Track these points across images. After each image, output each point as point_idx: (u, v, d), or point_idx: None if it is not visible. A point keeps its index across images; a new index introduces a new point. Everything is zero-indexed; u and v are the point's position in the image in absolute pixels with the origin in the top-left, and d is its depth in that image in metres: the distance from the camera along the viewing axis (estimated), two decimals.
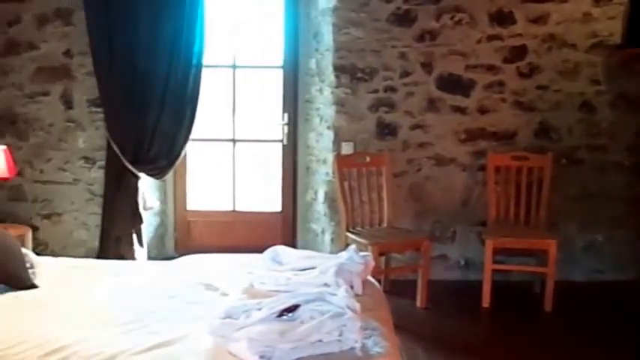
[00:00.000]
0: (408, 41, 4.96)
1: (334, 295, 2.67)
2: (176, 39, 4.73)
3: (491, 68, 5.00)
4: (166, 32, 4.72)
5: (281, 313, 2.54)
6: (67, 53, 4.96)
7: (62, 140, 5.05)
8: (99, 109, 4.94)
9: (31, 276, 3.49)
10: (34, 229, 4.85)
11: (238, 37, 5.35)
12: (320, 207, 5.23)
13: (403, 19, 4.94)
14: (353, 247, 3.27)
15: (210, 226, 5.54)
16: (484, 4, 4.93)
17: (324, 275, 2.99)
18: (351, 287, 2.96)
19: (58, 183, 5.10)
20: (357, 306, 2.59)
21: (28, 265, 3.57)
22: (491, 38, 4.98)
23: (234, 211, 5.59)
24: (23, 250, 3.72)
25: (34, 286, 3.38)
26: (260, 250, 3.88)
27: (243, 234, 5.47)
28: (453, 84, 5.02)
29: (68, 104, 5.02)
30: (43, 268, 3.67)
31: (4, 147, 4.41)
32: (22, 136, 5.01)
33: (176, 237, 5.55)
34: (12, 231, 3.92)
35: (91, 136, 5.04)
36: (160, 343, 2.58)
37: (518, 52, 4.99)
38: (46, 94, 5.00)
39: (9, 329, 2.70)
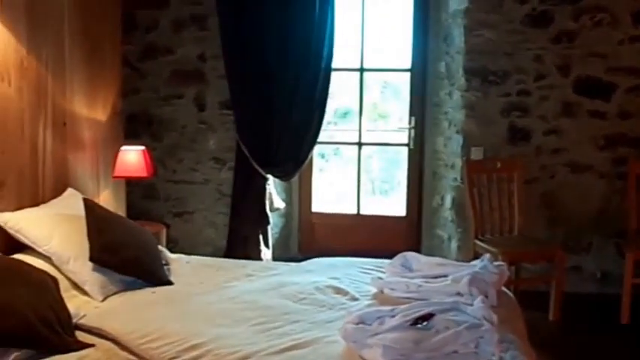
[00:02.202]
0: (544, 43, 4.78)
1: (470, 305, 2.60)
2: (305, 43, 4.78)
3: (633, 71, 4.74)
4: (296, 37, 4.78)
5: (415, 321, 2.49)
6: (201, 57, 5.10)
7: (194, 141, 5.20)
8: (229, 112, 5.05)
9: (167, 272, 3.62)
10: (166, 226, 5.02)
11: (366, 39, 5.33)
12: (447, 213, 5.13)
13: (539, 20, 4.77)
14: (487, 256, 3.18)
15: (334, 229, 5.55)
16: (627, 3, 4.69)
17: (457, 284, 2.93)
18: (486, 297, 2.87)
19: (189, 183, 5.26)
20: (495, 317, 2.51)
21: (163, 261, 3.70)
22: (634, 40, 4.72)
23: (358, 214, 5.58)
24: (159, 247, 3.88)
25: (169, 283, 3.51)
26: (383, 254, 3.86)
27: (366, 238, 5.45)
28: (591, 87, 4.79)
29: (201, 107, 5.17)
30: (177, 265, 3.80)
31: (142, 148, 4.59)
32: (157, 137, 5.20)
33: (300, 239, 5.60)
34: (148, 228, 4.06)
35: (221, 137, 5.17)
36: (293, 345, 2.60)
37: None
38: (180, 96, 5.17)
39: (148, 323, 2.80)
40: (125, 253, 3.46)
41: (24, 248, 3.41)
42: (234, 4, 4.74)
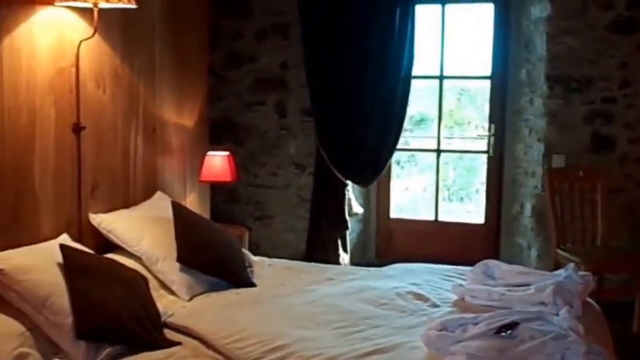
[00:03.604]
0: (630, 50, 4.68)
1: (555, 315, 2.59)
2: (385, 52, 4.80)
3: None
4: (376, 46, 4.81)
5: (499, 330, 2.50)
6: (283, 65, 5.20)
7: (275, 147, 5.31)
8: (310, 119, 5.13)
9: (250, 274, 3.71)
10: (248, 229, 5.13)
11: (446, 47, 5.32)
12: (526, 221, 5.08)
13: (624, 26, 4.67)
14: (572, 265, 3.15)
15: (411, 235, 5.56)
16: None
17: (541, 293, 2.91)
18: (570, 307, 2.85)
19: (270, 187, 5.36)
20: (581, 328, 2.50)
21: (246, 264, 3.80)
22: None
23: (436, 220, 5.57)
24: (242, 249, 3.99)
25: (252, 285, 3.60)
26: (462, 261, 3.85)
27: (444, 245, 5.43)
28: None
29: (282, 113, 5.27)
30: (259, 267, 3.89)
31: (227, 153, 4.73)
32: (239, 143, 5.32)
33: (377, 244, 5.63)
34: (232, 231, 4.17)
35: (301, 143, 5.25)
36: (375, 350, 2.64)
37: None
38: (262, 103, 5.28)
39: (233, 324, 2.88)
40: (211, 254, 3.58)
41: (115, 248, 3.55)
42: (317, 14, 4.82)
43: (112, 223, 3.62)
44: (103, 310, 2.76)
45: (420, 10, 4.87)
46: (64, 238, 3.25)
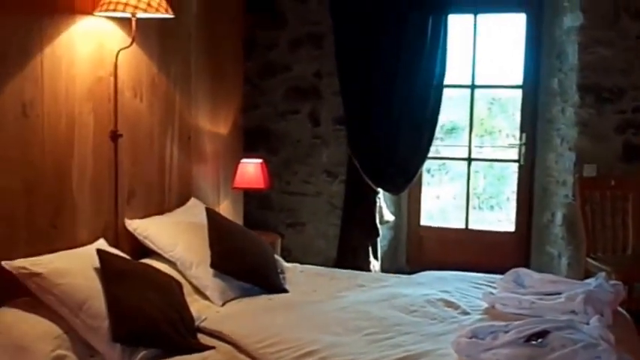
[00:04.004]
0: None
1: (585, 323, 2.60)
2: (417, 61, 4.83)
3: None
4: (408, 55, 4.84)
5: (529, 338, 2.52)
6: (317, 74, 5.26)
7: (308, 155, 5.36)
8: (342, 127, 5.18)
9: (282, 281, 3.76)
10: (280, 236, 5.20)
11: (478, 56, 5.34)
12: (557, 230, 5.06)
13: None
14: (602, 274, 3.15)
15: (442, 243, 5.57)
16: None
17: (572, 302, 2.92)
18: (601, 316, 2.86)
19: (303, 194, 5.41)
20: (611, 337, 2.51)
21: (279, 270, 3.85)
22: None
23: (466, 229, 5.59)
24: (275, 256, 4.04)
25: (284, 291, 3.64)
26: (492, 269, 3.86)
27: (474, 252, 5.44)
28: None
29: (315, 122, 5.32)
30: (292, 273, 3.93)
31: (260, 160, 4.80)
32: (273, 151, 5.38)
33: (408, 251, 5.66)
34: (265, 238, 4.23)
35: (333, 152, 5.29)
36: (405, 356, 2.66)
37: None
38: (295, 112, 5.34)
39: (265, 329, 2.92)
40: (244, 260, 3.62)
41: (150, 253, 3.60)
42: (350, 23, 4.88)
43: (148, 228, 3.67)
44: (138, 314, 2.81)
45: (452, 19, 4.89)
46: (101, 243, 3.29)
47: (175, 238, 3.64)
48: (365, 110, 4.97)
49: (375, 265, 5.11)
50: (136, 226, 3.68)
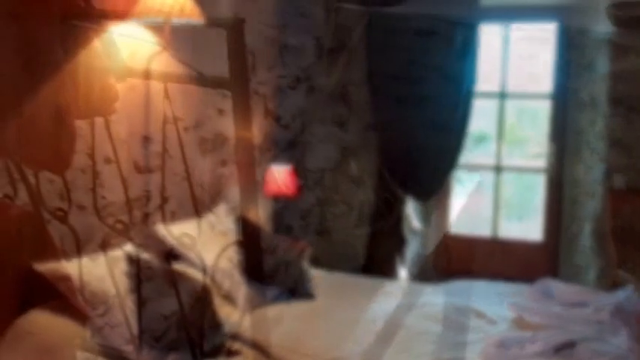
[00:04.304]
0: None
1: (613, 335, 2.60)
2: (447, 70, 4.86)
3: None
4: (438, 64, 4.87)
5: (557, 349, 2.52)
6: (347, 82, 5.28)
7: (337, 162, 5.39)
8: (372, 135, 5.20)
9: (310, 288, 3.78)
10: (309, 244, 5.21)
11: (507, 65, 5.34)
12: (586, 241, 5.03)
13: None
14: (631, 286, 3.14)
15: (470, 252, 5.56)
16: None
17: (599, 313, 2.91)
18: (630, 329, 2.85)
19: (331, 202, 5.44)
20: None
21: (307, 277, 3.86)
22: None
23: (494, 238, 5.57)
24: (303, 263, 4.06)
25: (312, 298, 3.67)
26: (520, 279, 3.85)
27: (502, 262, 5.43)
28: None
29: (344, 129, 5.35)
30: (319, 281, 3.96)
31: (289, 167, 4.83)
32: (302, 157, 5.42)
33: (436, 260, 5.65)
34: (293, 245, 4.25)
35: (362, 160, 5.31)
36: None
37: None
38: (325, 119, 5.37)
39: (293, 335, 2.97)
40: (273, 267, 3.67)
41: (179, 258, 3.64)
42: (381, 32, 4.92)
43: (177, 233, 3.73)
44: (166, 319, 2.86)
45: (482, 28, 4.90)
46: (130, 247, 3.33)
47: (205, 243, 3.67)
48: (394, 118, 4.99)
49: (402, 273, 5.12)
50: (166, 230, 3.72)
